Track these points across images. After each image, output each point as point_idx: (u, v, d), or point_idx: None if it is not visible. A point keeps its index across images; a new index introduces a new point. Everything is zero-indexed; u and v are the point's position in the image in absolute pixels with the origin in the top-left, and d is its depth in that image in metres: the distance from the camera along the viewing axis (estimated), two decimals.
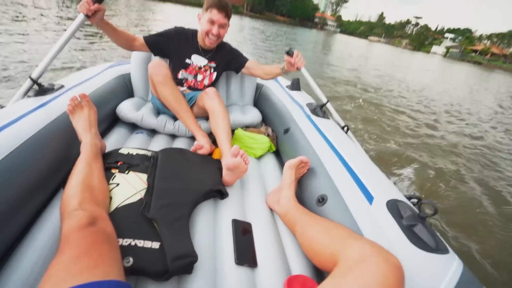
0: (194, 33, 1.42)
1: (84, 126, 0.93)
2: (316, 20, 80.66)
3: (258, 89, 1.83)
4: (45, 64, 1.05)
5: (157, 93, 1.28)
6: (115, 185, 0.81)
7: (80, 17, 1.04)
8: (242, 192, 1.03)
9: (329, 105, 1.38)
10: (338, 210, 0.79)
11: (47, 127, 0.87)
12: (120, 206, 0.73)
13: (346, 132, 1.30)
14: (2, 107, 0.96)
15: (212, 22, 1.25)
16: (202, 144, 1.16)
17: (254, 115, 1.54)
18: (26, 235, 0.70)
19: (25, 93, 1.04)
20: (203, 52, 1.42)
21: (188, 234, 0.71)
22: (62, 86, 1.15)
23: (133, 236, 0.65)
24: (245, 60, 1.50)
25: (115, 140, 1.25)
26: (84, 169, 0.75)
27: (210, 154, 1.20)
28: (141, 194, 0.79)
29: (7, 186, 0.67)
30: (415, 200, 0.79)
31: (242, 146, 1.34)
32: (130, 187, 0.80)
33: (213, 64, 1.45)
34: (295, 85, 1.69)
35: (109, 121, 1.36)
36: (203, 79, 1.46)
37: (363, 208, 0.74)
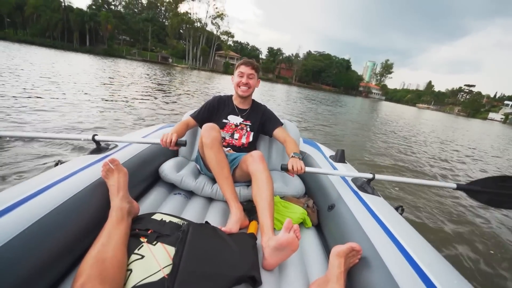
0: (229, 97, 1.63)
1: (112, 190, 0.93)
2: (361, 89, 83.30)
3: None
4: (115, 140, 1.19)
5: (203, 153, 1.29)
6: (140, 257, 0.73)
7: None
8: (279, 277, 0.87)
9: (379, 176, 1.20)
10: None
11: (90, 186, 0.90)
12: (138, 284, 0.65)
13: (401, 214, 1.13)
14: (62, 163, 1.04)
15: (241, 75, 1.48)
16: (230, 230, 1.00)
17: (297, 187, 1.43)
18: None
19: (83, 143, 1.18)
20: (239, 111, 1.58)
21: None
22: (116, 146, 1.24)
23: None
24: (275, 126, 1.55)
25: (154, 199, 1.25)
26: (101, 239, 0.73)
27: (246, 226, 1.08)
28: (164, 272, 0.69)
29: (36, 248, 0.66)
30: None
31: None
32: (154, 262, 0.72)
33: (248, 123, 1.54)
34: (340, 157, 1.58)
35: (152, 179, 1.40)
36: (240, 138, 1.50)
37: None
